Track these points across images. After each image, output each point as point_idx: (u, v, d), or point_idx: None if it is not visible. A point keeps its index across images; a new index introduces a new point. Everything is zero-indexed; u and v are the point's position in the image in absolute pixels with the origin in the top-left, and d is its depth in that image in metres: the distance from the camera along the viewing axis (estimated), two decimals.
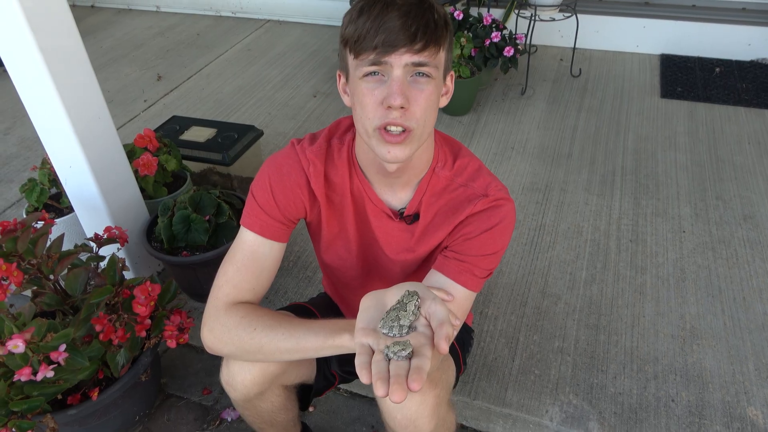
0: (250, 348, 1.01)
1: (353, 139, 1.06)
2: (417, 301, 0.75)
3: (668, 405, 1.52)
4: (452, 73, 0.99)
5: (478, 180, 1.05)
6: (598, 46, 3.37)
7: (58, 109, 1.57)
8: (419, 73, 0.88)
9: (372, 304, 0.79)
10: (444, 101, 0.99)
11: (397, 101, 0.86)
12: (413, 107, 0.89)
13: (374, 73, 0.88)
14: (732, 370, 1.60)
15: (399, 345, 0.68)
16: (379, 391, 0.64)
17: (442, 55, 0.90)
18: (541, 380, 1.60)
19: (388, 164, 0.96)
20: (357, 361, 0.69)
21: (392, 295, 0.78)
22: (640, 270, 1.93)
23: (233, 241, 1.09)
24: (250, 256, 1.05)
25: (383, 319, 0.74)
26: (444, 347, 0.68)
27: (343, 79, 0.97)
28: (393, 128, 0.90)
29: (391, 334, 0.72)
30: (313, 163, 1.04)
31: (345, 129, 1.08)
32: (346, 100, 0.97)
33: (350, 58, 0.90)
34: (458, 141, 1.12)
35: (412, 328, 0.73)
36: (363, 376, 0.66)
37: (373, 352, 0.70)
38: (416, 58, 0.86)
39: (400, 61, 0.86)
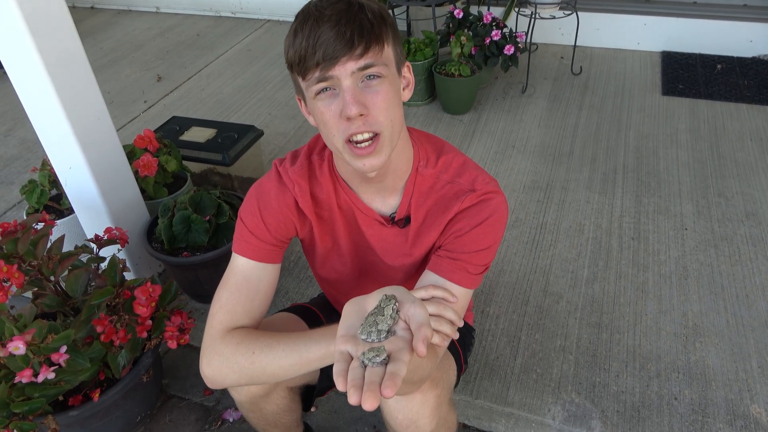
0: (252, 373, 0.98)
1: (332, 153, 1.04)
2: (395, 304, 0.74)
3: (671, 403, 1.52)
4: (408, 64, 0.97)
5: (464, 175, 1.03)
6: (598, 44, 3.36)
7: (57, 111, 1.57)
8: (369, 75, 0.86)
9: (353, 309, 0.77)
10: (407, 94, 0.97)
11: (353, 111, 0.85)
12: (373, 111, 0.87)
13: (325, 89, 0.87)
14: (735, 367, 1.59)
15: (373, 351, 0.67)
16: (351, 398, 0.62)
17: (388, 50, 0.88)
18: (543, 379, 1.60)
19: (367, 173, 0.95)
20: (335, 369, 0.67)
21: (372, 300, 0.77)
22: (642, 268, 1.92)
23: (230, 252, 1.07)
24: (243, 281, 1.03)
25: (362, 324, 0.73)
26: (422, 350, 0.66)
27: (302, 103, 0.95)
28: (359, 137, 0.88)
29: (370, 340, 0.71)
30: (297, 183, 1.03)
31: (323, 144, 1.07)
32: (312, 121, 0.95)
33: (300, 81, 0.89)
34: (440, 138, 1.10)
35: (390, 332, 0.72)
36: (339, 384, 0.65)
37: (352, 359, 0.69)
38: (361, 62, 0.84)
39: (345, 71, 0.84)
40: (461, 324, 0.96)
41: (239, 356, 0.98)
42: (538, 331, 1.73)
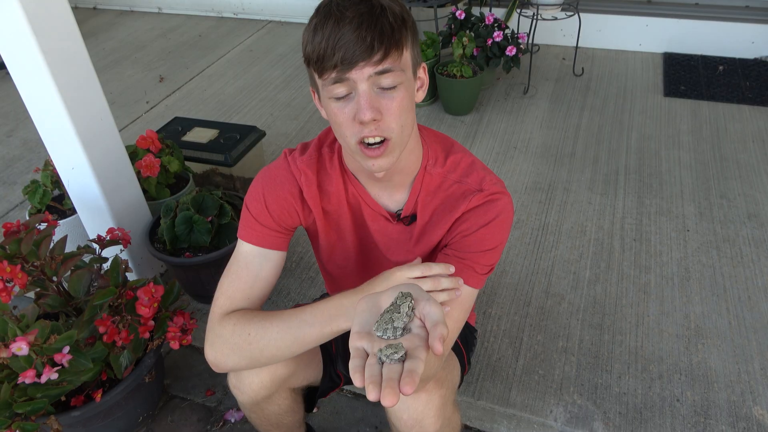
0: (251, 354, 0.99)
1: (341, 147, 1.05)
2: (411, 302, 0.74)
3: (673, 405, 1.52)
4: (424, 65, 0.97)
5: (471, 175, 1.03)
6: (600, 45, 3.36)
7: (60, 111, 1.57)
8: (386, 80, 0.86)
9: (367, 307, 0.77)
10: (420, 95, 0.97)
11: (367, 116, 0.85)
12: (387, 118, 0.88)
13: (341, 91, 0.87)
14: (737, 369, 1.59)
15: (391, 348, 0.67)
16: (370, 394, 0.62)
17: (407, 55, 0.88)
18: (545, 380, 1.59)
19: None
20: (351, 365, 0.67)
21: (387, 297, 0.77)
22: (644, 269, 1.92)
23: (232, 253, 1.08)
24: (244, 267, 1.04)
25: (377, 321, 0.73)
26: (438, 348, 0.67)
27: (316, 95, 0.96)
28: (371, 139, 0.89)
29: (386, 337, 0.71)
30: (304, 173, 1.04)
31: (334, 138, 1.07)
32: (323, 113, 0.96)
33: (316, 78, 0.90)
34: (450, 137, 1.10)
35: (406, 329, 0.72)
36: (356, 380, 0.65)
37: (368, 355, 0.69)
38: (379, 68, 0.84)
39: (362, 75, 0.84)
40: (459, 285, 0.95)
41: (236, 337, 0.99)
42: (540, 332, 1.73)
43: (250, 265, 1.04)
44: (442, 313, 0.71)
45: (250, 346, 0.98)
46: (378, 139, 0.89)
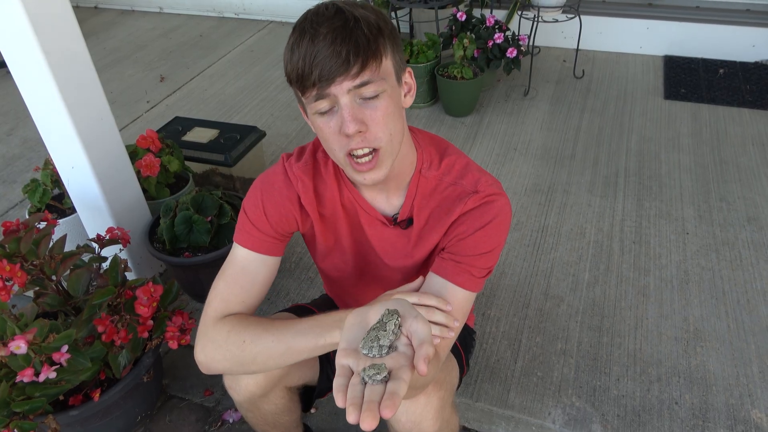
0: (243, 360, 0.99)
1: None
2: (397, 319, 0.73)
3: (671, 407, 1.52)
4: (409, 69, 0.97)
5: (466, 177, 1.02)
6: (601, 48, 3.36)
7: (60, 110, 1.57)
8: (367, 91, 0.86)
9: (356, 322, 0.76)
10: (408, 100, 0.97)
11: (351, 129, 0.85)
12: (372, 128, 0.88)
13: (324, 106, 0.87)
14: (736, 372, 1.59)
15: (374, 368, 0.66)
16: (350, 416, 0.61)
17: (387, 63, 0.88)
18: (543, 382, 1.59)
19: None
20: (335, 384, 0.67)
21: (374, 312, 0.76)
22: (644, 272, 1.92)
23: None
24: (241, 271, 1.04)
25: (364, 339, 0.72)
26: (423, 369, 0.65)
27: (304, 112, 0.96)
28: (359, 151, 0.89)
29: (371, 355, 0.70)
30: (301, 179, 1.04)
31: None
32: (314, 128, 0.96)
33: (299, 95, 0.90)
34: (444, 140, 1.10)
35: (392, 347, 0.71)
36: (338, 400, 0.64)
37: (353, 374, 0.68)
38: (357, 81, 0.84)
39: (342, 89, 0.84)
40: (453, 325, 0.94)
41: (230, 344, 0.98)
42: (539, 334, 1.73)
43: (247, 269, 1.04)
44: (430, 331, 0.70)
45: (243, 353, 0.98)
46: (367, 150, 0.89)
